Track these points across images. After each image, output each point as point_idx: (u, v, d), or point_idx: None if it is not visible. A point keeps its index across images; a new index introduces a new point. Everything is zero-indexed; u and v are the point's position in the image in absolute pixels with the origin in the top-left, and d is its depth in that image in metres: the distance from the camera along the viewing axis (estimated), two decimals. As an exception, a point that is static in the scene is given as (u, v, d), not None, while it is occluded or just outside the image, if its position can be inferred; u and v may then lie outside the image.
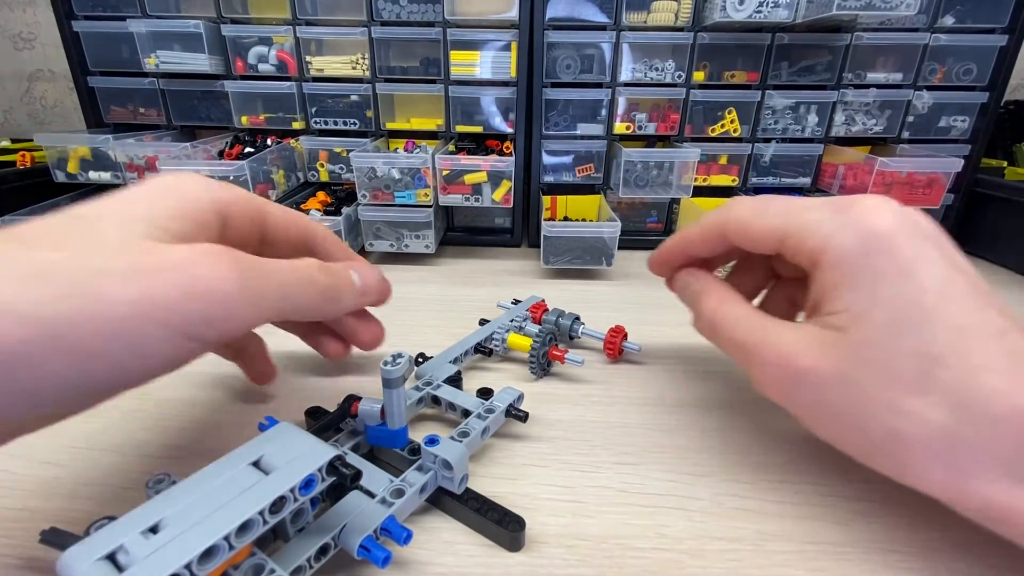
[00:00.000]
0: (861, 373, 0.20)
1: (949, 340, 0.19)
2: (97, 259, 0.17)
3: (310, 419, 0.30)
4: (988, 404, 0.18)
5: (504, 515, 0.23)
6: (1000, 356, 0.19)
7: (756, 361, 0.24)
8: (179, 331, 0.18)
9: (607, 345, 0.37)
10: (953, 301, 0.19)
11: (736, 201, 0.26)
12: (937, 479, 0.19)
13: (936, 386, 0.19)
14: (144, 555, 0.15)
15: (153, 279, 0.17)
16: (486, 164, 0.52)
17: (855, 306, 0.21)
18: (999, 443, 0.18)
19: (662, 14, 0.53)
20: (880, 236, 0.21)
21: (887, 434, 0.20)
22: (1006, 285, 0.53)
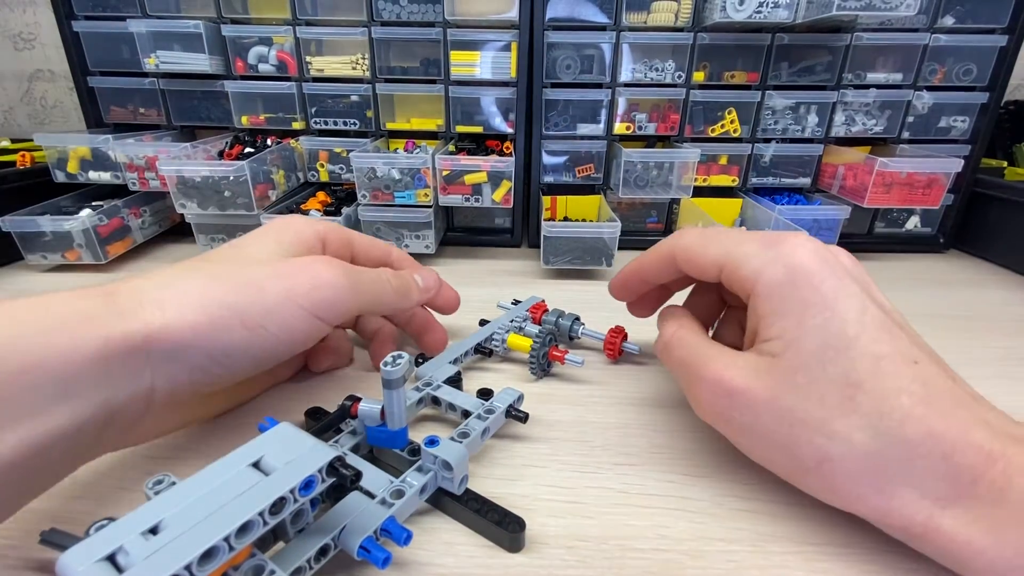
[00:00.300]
0: (792, 397, 0.22)
1: (868, 367, 0.21)
2: (254, 267, 0.25)
3: (310, 420, 0.30)
4: (903, 427, 0.20)
5: (504, 516, 0.23)
6: (914, 382, 0.20)
7: (695, 379, 0.25)
8: (310, 312, 0.25)
9: (607, 345, 0.37)
10: (870, 331, 0.21)
11: (685, 231, 0.29)
12: (863, 499, 0.21)
13: (858, 410, 0.20)
14: (144, 556, 0.15)
15: (292, 277, 0.25)
16: (486, 164, 0.52)
17: (786, 334, 0.22)
18: (915, 465, 0.20)
19: (662, 14, 0.53)
20: (805, 271, 0.23)
21: (817, 456, 0.21)
22: (1006, 285, 0.53)
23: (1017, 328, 0.44)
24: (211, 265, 0.25)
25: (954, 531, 0.19)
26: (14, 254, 0.53)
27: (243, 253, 0.27)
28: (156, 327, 0.21)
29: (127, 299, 0.22)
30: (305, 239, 0.29)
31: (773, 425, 0.22)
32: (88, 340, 0.19)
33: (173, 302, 0.22)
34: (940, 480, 0.19)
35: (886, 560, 0.22)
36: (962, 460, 0.19)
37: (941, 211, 0.61)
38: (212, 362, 0.23)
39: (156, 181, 0.55)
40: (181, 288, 0.23)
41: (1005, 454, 0.19)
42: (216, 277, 0.24)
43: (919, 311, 0.47)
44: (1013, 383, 0.36)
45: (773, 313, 0.23)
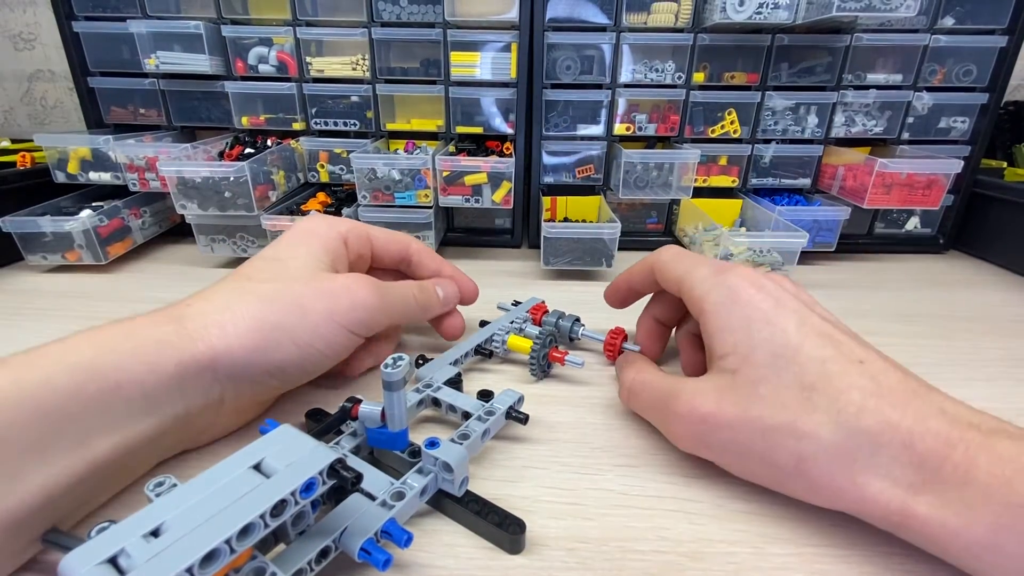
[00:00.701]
0: (759, 408, 0.23)
1: (815, 370, 0.23)
2: (299, 286, 0.28)
3: (310, 421, 0.30)
4: (860, 420, 0.21)
5: (504, 518, 0.23)
6: (862, 377, 0.22)
7: (667, 416, 0.27)
8: (348, 329, 0.29)
9: (607, 347, 0.37)
10: (811, 339, 0.23)
11: (665, 248, 0.33)
12: (841, 492, 0.22)
13: (817, 407, 0.22)
14: (145, 559, 0.15)
15: (333, 298, 0.28)
16: (486, 165, 0.52)
17: (739, 347, 0.25)
18: (880, 454, 0.21)
19: (662, 15, 0.53)
20: (746, 293, 0.26)
21: (792, 458, 0.22)
22: (1006, 286, 0.53)
23: (1017, 329, 0.44)
24: (260, 286, 0.28)
25: (928, 516, 0.20)
26: (14, 254, 0.53)
27: (284, 270, 0.29)
28: (220, 349, 0.25)
29: (194, 323, 0.25)
30: (331, 246, 0.32)
31: (748, 438, 0.23)
32: (166, 362, 0.23)
33: (233, 325, 0.25)
34: (906, 467, 0.20)
35: (885, 562, 0.22)
36: (923, 446, 0.20)
37: (941, 212, 0.61)
38: (268, 375, 0.27)
39: (156, 182, 0.55)
40: (239, 312, 0.26)
41: (963, 438, 0.20)
42: (267, 299, 0.27)
43: (919, 312, 0.47)
44: (1013, 384, 0.36)
45: (722, 329, 0.26)
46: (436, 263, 0.38)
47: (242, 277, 0.29)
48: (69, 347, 0.22)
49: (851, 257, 0.61)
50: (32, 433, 0.20)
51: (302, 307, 0.27)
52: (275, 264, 0.30)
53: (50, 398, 0.20)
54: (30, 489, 0.19)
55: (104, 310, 0.44)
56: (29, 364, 0.21)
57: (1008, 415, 0.21)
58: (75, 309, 0.45)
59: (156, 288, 0.50)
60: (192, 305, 0.26)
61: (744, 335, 0.25)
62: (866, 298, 0.50)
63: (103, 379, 0.22)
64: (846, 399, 0.22)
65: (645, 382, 0.29)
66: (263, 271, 0.29)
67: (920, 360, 0.38)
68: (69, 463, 0.21)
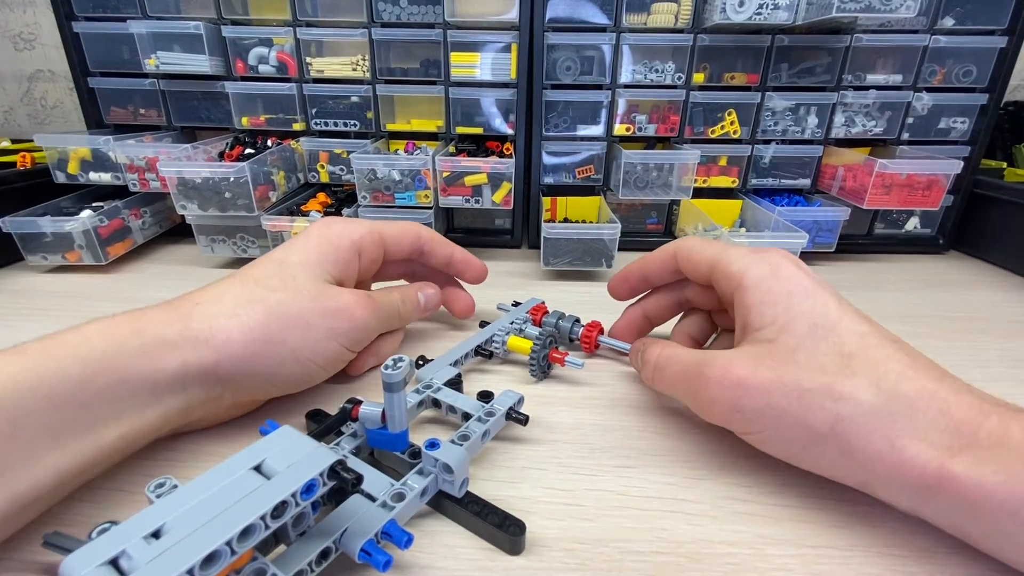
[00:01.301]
0: (795, 372, 0.23)
1: (855, 341, 0.24)
2: (305, 300, 0.29)
3: (310, 422, 0.30)
4: (900, 386, 0.22)
5: (504, 519, 0.23)
6: (899, 352, 0.23)
7: (700, 383, 0.26)
8: (345, 346, 0.31)
9: (583, 339, 0.37)
10: (850, 315, 0.25)
11: (687, 237, 0.35)
12: (878, 455, 0.22)
13: (857, 372, 0.23)
14: (147, 560, 0.15)
15: (334, 317, 0.30)
16: (486, 166, 0.52)
17: (778, 319, 0.25)
18: (918, 418, 0.21)
19: (662, 16, 0.53)
20: (788, 269, 0.26)
21: (830, 419, 0.22)
22: (1006, 286, 0.53)
23: (1017, 329, 0.44)
24: (269, 295, 0.28)
25: (965, 475, 0.20)
26: (15, 255, 0.53)
27: (292, 280, 0.30)
28: (224, 355, 0.26)
29: (200, 325, 0.26)
30: (342, 256, 0.33)
31: (784, 401, 0.23)
32: (170, 362, 0.25)
33: (239, 332, 0.27)
34: (944, 432, 0.21)
35: (885, 563, 0.22)
36: (959, 414, 0.21)
37: (941, 212, 0.61)
38: (269, 383, 0.29)
39: (156, 182, 0.55)
40: (245, 320, 0.27)
41: (995, 410, 0.21)
42: (273, 313, 0.28)
43: (919, 312, 0.47)
44: (1013, 384, 0.36)
45: (762, 303, 0.26)
46: (447, 249, 0.39)
47: (251, 280, 0.29)
48: (82, 339, 0.23)
49: (851, 257, 0.61)
50: (46, 419, 0.21)
51: (306, 324, 0.29)
52: (284, 271, 0.30)
53: (63, 388, 0.22)
54: (44, 471, 0.21)
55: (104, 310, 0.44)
56: (45, 353, 0.22)
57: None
58: (75, 309, 0.45)
59: (156, 288, 0.50)
60: (201, 304, 0.27)
61: (784, 307, 0.25)
62: (866, 298, 0.50)
63: (112, 372, 0.23)
64: (886, 368, 0.22)
65: (672, 355, 0.29)
66: (272, 277, 0.30)
67: (920, 361, 0.38)
68: (79, 448, 0.22)
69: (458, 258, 0.39)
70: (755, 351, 0.25)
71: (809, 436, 0.23)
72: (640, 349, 0.33)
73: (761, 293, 0.26)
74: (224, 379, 0.27)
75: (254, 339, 0.27)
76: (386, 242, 0.36)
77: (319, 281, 0.31)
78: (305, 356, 0.29)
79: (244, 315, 0.27)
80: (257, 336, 0.27)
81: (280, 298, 0.28)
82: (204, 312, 0.27)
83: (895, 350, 0.23)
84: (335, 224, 0.34)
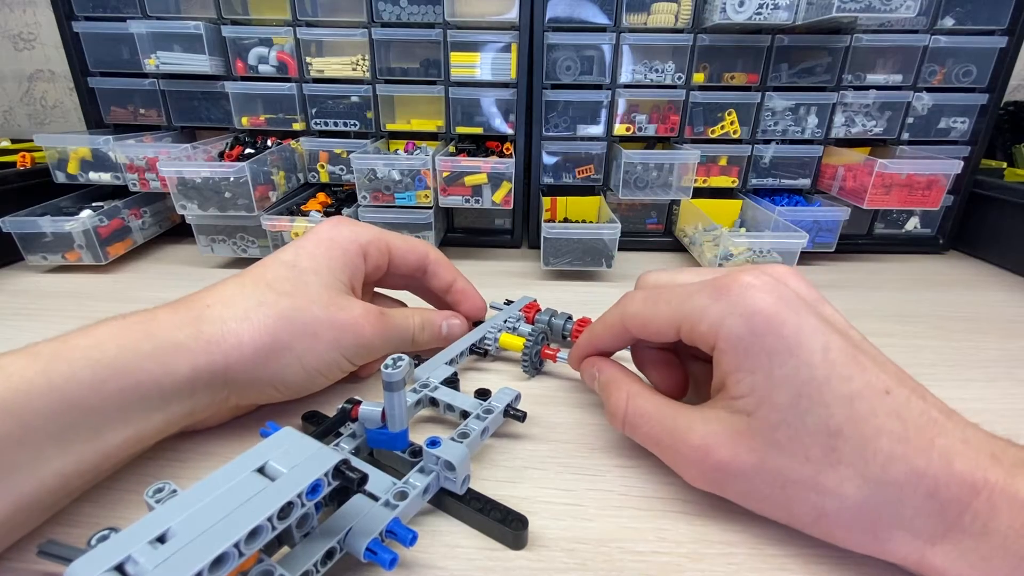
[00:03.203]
0: (777, 458, 0.21)
1: (843, 411, 0.20)
2: (316, 309, 0.29)
3: (307, 423, 0.30)
4: (887, 471, 0.20)
5: (507, 514, 0.23)
6: (889, 418, 0.20)
7: (676, 456, 0.24)
8: (347, 359, 0.30)
9: (575, 336, 0.38)
10: (838, 369, 0.21)
11: (628, 297, 0.27)
12: (861, 545, 0.21)
13: (843, 459, 0.20)
14: (154, 564, 0.15)
15: (343, 330, 0.29)
16: (486, 166, 0.52)
17: (757, 390, 0.22)
18: (904, 506, 0.20)
19: (662, 15, 0.53)
20: (764, 316, 0.21)
21: (813, 513, 0.21)
22: (1006, 286, 0.53)
23: (1017, 329, 0.44)
24: (280, 300, 0.28)
25: (945, 567, 0.19)
26: (14, 255, 0.53)
27: (304, 286, 0.29)
28: (233, 359, 0.26)
29: (212, 328, 0.26)
30: (351, 260, 0.32)
31: (767, 489, 0.22)
32: (182, 366, 0.25)
33: (249, 338, 0.27)
34: (928, 517, 0.20)
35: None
36: (947, 494, 0.19)
37: (941, 212, 0.61)
38: (272, 388, 0.28)
39: (156, 182, 0.55)
40: (256, 325, 0.27)
41: (988, 482, 0.19)
42: (284, 319, 0.28)
43: (918, 312, 0.47)
44: (1012, 384, 0.36)
45: (739, 369, 0.22)
46: (451, 275, 0.37)
47: (263, 283, 0.29)
48: (94, 342, 0.23)
49: (851, 257, 0.61)
50: (55, 423, 0.21)
51: (315, 335, 0.28)
52: (295, 275, 0.30)
53: (74, 391, 0.21)
54: (49, 473, 0.21)
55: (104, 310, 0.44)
56: (57, 356, 0.22)
57: (1008, 415, 0.22)
58: (75, 309, 0.45)
59: (156, 288, 0.50)
60: (212, 307, 0.27)
61: (764, 375, 0.21)
62: (866, 298, 0.50)
63: (123, 377, 0.23)
64: (875, 448, 0.20)
65: (644, 414, 0.25)
66: (284, 280, 0.29)
67: (919, 360, 0.38)
68: (84, 451, 0.22)
69: (459, 288, 0.37)
70: (734, 426, 0.22)
71: (793, 522, 0.23)
72: (595, 375, 0.29)
73: (738, 358, 0.22)
74: (230, 383, 0.27)
75: (263, 344, 0.27)
76: (392, 255, 0.35)
77: (331, 290, 0.30)
78: (310, 364, 0.28)
79: (255, 320, 0.27)
80: (266, 341, 0.27)
81: (292, 304, 0.28)
82: (215, 315, 0.27)
83: (886, 414, 0.20)
84: (343, 227, 0.33)
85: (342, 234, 0.32)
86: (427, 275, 0.37)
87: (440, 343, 0.36)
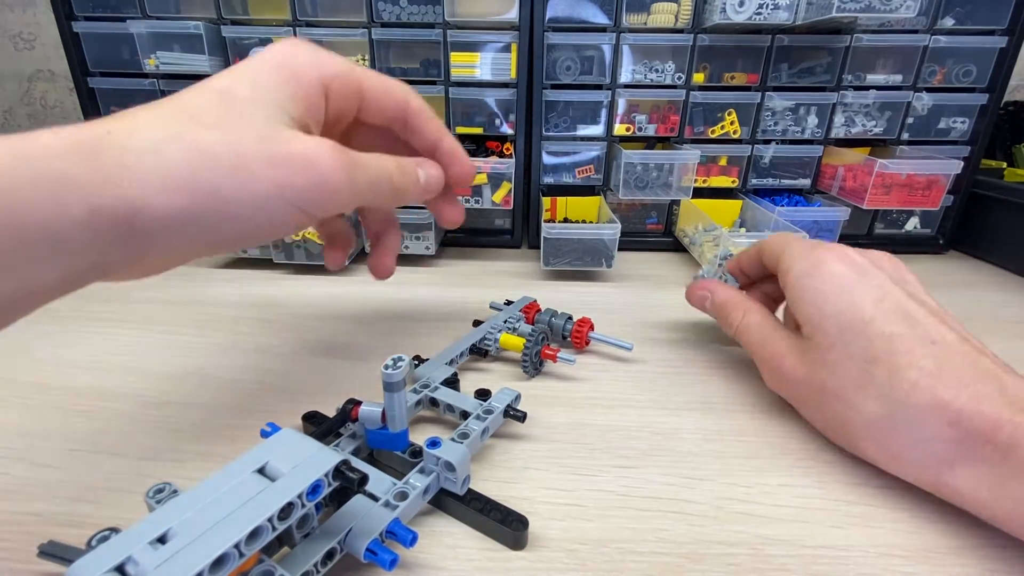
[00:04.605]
0: (823, 373, 0.27)
1: (882, 346, 0.25)
2: (249, 143, 0.21)
3: (307, 423, 0.30)
4: (910, 396, 0.23)
5: (507, 514, 0.23)
6: (925, 359, 0.24)
7: (762, 365, 0.32)
8: (299, 208, 0.23)
9: (574, 336, 0.38)
10: (885, 315, 0.25)
11: (775, 234, 0.36)
12: (877, 459, 0.26)
13: (873, 382, 0.25)
14: (155, 565, 0.15)
15: (288, 168, 0.22)
16: (486, 166, 0.52)
17: (812, 319, 0.28)
18: (922, 429, 0.23)
19: (662, 15, 0.53)
20: (827, 268, 0.28)
21: (840, 420, 0.27)
22: (1006, 286, 0.53)
23: (1017, 329, 0.44)
24: (202, 133, 0.21)
25: (961, 487, 0.22)
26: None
27: (238, 115, 0.22)
28: (139, 205, 0.20)
29: (109, 159, 0.20)
30: (307, 93, 0.24)
31: (811, 396, 0.28)
32: (74, 205, 0.18)
33: (158, 177, 0.20)
34: (948, 443, 0.22)
35: (884, 563, 0.22)
36: (969, 425, 0.22)
37: (941, 212, 0.61)
38: (196, 241, 0.22)
39: (157, 182, 0.55)
40: (169, 160, 0.20)
41: (1013, 421, 0.21)
42: (207, 153, 0.21)
43: (918, 312, 0.47)
44: (1011, 385, 0.36)
45: (799, 300, 0.28)
46: (437, 130, 0.30)
47: (184, 113, 0.22)
48: None
49: (851, 257, 0.61)
50: None
51: (248, 171, 0.21)
52: (226, 102, 0.23)
53: None
54: None
55: (100, 308, 0.44)
56: None
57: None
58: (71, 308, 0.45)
59: (155, 288, 0.50)
60: (113, 134, 0.20)
61: (818, 309, 0.27)
62: (865, 298, 0.50)
63: None
64: (903, 376, 0.24)
65: (749, 327, 0.33)
66: (210, 109, 0.22)
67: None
68: None
69: (446, 147, 0.30)
70: (800, 345, 0.29)
71: (827, 426, 0.28)
72: (707, 296, 0.37)
73: (797, 291, 0.28)
74: (141, 234, 0.20)
75: (177, 187, 0.20)
76: (364, 94, 0.28)
77: (273, 122, 0.23)
78: (244, 213, 0.22)
79: (168, 153, 0.20)
80: (181, 183, 0.20)
81: (217, 138, 0.21)
82: (116, 143, 0.20)
83: (923, 355, 0.24)
84: (300, 51, 0.25)
85: (298, 59, 0.25)
86: (407, 128, 0.30)
87: (418, 195, 0.29)
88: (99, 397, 0.32)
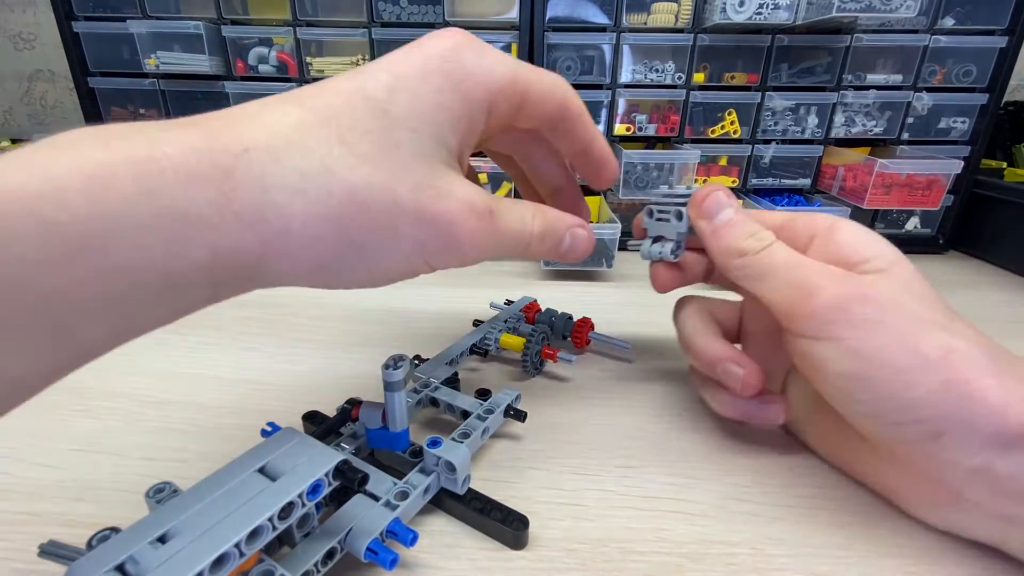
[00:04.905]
0: (913, 302, 0.23)
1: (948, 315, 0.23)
2: (404, 191, 0.19)
3: (307, 423, 0.30)
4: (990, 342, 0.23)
5: (507, 514, 0.23)
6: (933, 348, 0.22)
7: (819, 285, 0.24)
8: (428, 264, 0.21)
9: (575, 336, 0.38)
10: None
11: None
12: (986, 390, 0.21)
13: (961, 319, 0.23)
14: (155, 565, 0.15)
15: (431, 229, 0.20)
16: (486, 166, 0.52)
17: (885, 253, 0.25)
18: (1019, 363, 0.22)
19: (662, 15, 0.53)
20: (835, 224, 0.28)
21: (942, 348, 0.21)
22: (1006, 286, 0.53)
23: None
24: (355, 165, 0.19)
25: None
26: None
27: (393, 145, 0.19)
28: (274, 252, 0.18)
29: (246, 195, 0.17)
30: (470, 118, 0.22)
31: (899, 321, 0.22)
32: (197, 248, 0.16)
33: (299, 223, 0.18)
34: None
35: (885, 563, 0.22)
36: None
37: (941, 212, 0.61)
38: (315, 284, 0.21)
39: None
40: (314, 202, 0.18)
41: None
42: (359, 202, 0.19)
43: (918, 312, 0.47)
44: (1011, 385, 0.36)
45: (860, 242, 0.26)
46: (589, 132, 0.27)
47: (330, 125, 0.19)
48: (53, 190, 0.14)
49: (851, 257, 0.61)
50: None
51: (394, 229, 0.19)
52: (380, 121, 0.19)
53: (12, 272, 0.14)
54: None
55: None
56: None
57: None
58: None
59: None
60: (252, 153, 0.17)
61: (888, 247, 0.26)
62: (866, 298, 0.50)
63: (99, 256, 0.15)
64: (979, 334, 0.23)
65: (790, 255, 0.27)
66: (365, 132, 0.19)
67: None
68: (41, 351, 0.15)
69: (598, 152, 0.27)
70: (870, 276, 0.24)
71: (916, 361, 0.21)
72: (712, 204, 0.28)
73: (857, 233, 0.26)
74: (261, 277, 0.19)
75: (318, 237, 0.18)
76: (526, 103, 0.24)
77: (430, 160, 0.20)
78: (379, 270, 0.20)
79: (314, 194, 0.18)
80: (323, 234, 0.18)
81: (369, 180, 0.19)
82: (255, 173, 0.17)
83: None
84: (465, 51, 0.21)
85: (464, 67, 0.21)
86: (556, 132, 0.26)
87: (554, 257, 0.26)
88: (99, 397, 0.32)
